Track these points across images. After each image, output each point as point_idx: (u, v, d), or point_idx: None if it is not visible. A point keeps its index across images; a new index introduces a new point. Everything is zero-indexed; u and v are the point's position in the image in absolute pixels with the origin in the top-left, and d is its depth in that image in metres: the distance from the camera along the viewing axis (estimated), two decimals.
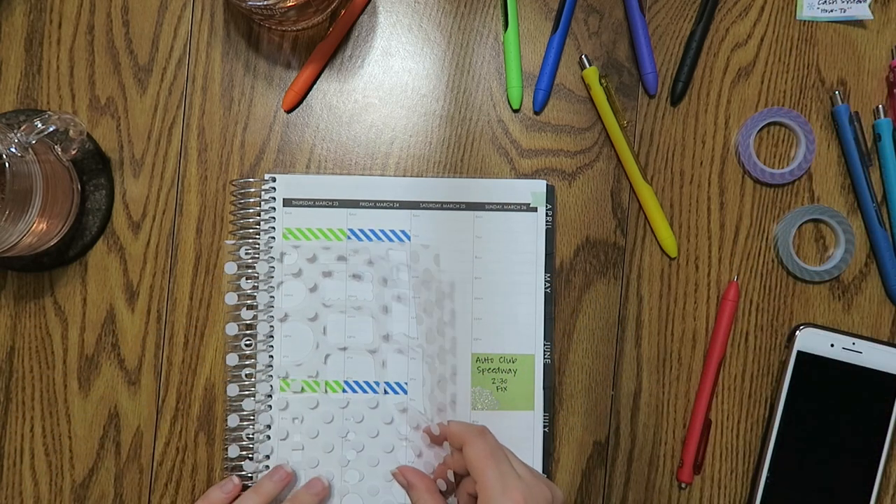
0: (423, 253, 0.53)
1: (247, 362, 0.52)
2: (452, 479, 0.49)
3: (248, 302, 0.53)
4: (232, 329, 0.52)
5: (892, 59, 0.55)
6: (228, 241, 0.54)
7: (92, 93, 0.54)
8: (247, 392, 0.52)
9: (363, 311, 0.53)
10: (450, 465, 0.49)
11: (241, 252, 0.53)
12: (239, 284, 0.53)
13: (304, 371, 0.53)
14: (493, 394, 0.53)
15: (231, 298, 0.52)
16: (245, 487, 0.51)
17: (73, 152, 0.51)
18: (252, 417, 0.52)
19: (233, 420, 0.52)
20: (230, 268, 0.52)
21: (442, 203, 0.54)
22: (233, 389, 0.52)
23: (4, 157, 0.45)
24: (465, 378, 0.53)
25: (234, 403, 0.52)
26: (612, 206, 0.55)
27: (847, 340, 0.53)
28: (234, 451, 0.52)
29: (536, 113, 0.55)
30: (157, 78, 0.54)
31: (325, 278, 0.53)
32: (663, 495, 0.54)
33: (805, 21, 0.56)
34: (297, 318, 0.53)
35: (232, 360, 0.52)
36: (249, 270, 0.53)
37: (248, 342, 0.53)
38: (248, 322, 0.53)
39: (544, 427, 0.53)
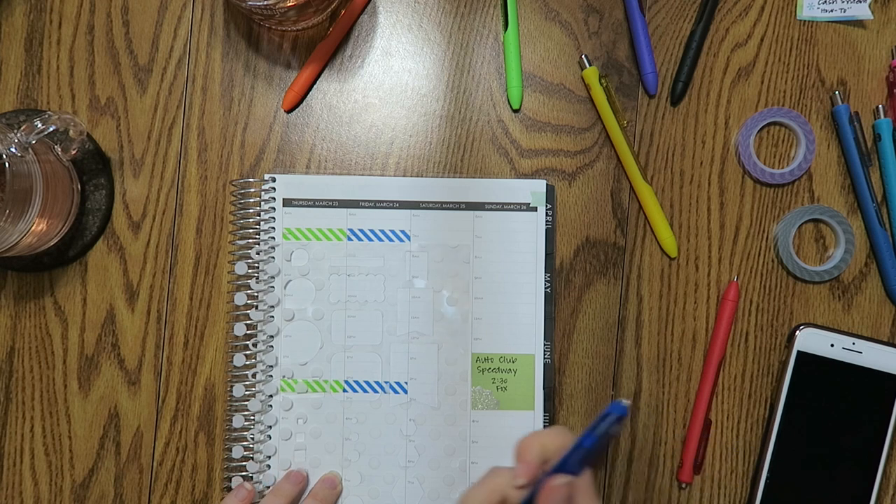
0: (423, 253, 0.53)
1: (250, 362, 0.52)
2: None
3: (254, 302, 0.53)
4: (240, 329, 0.52)
5: (892, 59, 0.55)
6: (237, 242, 0.54)
7: (92, 93, 0.54)
8: (251, 392, 0.52)
9: (368, 310, 0.53)
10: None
11: (252, 252, 0.53)
12: (249, 284, 0.53)
13: (309, 371, 0.53)
14: (493, 394, 0.53)
15: (240, 299, 0.52)
16: None
17: (73, 152, 0.51)
18: (255, 418, 0.52)
19: (238, 421, 0.52)
20: (241, 268, 0.52)
21: (442, 203, 0.54)
22: (238, 390, 0.52)
23: (4, 157, 0.45)
24: (465, 378, 0.53)
25: (240, 403, 0.52)
26: (612, 206, 0.55)
27: (847, 340, 0.53)
28: (237, 451, 0.52)
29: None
30: (157, 78, 0.54)
31: (331, 277, 0.53)
32: (663, 495, 0.54)
33: (805, 21, 0.56)
34: (303, 318, 0.53)
35: (239, 360, 0.52)
36: (252, 271, 0.53)
37: (253, 342, 0.53)
38: (253, 322, 0.53)
39: (544, 427, 0.53)
